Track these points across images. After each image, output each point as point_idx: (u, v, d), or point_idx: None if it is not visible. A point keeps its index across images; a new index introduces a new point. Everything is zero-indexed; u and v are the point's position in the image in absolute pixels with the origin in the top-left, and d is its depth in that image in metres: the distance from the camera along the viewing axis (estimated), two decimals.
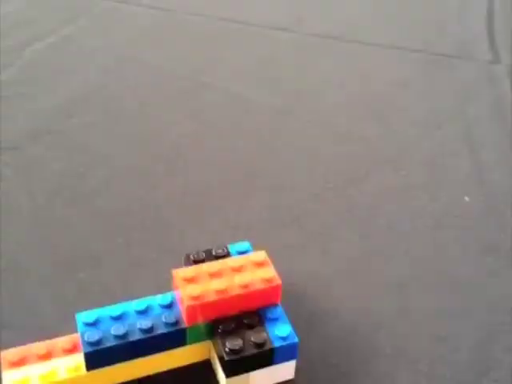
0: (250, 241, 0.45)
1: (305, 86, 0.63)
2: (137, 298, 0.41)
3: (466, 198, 0.50)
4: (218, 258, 0.38)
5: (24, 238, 0.46)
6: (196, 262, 0.37)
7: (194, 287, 0.34)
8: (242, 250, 0.38)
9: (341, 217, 0.48)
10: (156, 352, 0.34)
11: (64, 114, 0.57)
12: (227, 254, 0.38)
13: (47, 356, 0.33)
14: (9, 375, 0.33)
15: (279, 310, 0.35)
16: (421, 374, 0.37)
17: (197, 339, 0.35)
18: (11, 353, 0.33)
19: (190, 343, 0.35)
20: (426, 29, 0.73)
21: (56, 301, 0.41)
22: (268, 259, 0.37)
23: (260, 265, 0.36)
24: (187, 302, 0.34)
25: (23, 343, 0.38)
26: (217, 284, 0.35)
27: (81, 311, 0.35)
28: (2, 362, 0.33)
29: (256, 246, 0.45)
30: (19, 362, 0.33)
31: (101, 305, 0.41)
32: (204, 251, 0.38)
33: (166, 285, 0.42)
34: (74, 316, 0.40)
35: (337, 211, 0.49)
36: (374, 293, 0.42)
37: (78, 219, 0.47)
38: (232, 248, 0.39)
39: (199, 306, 0.34)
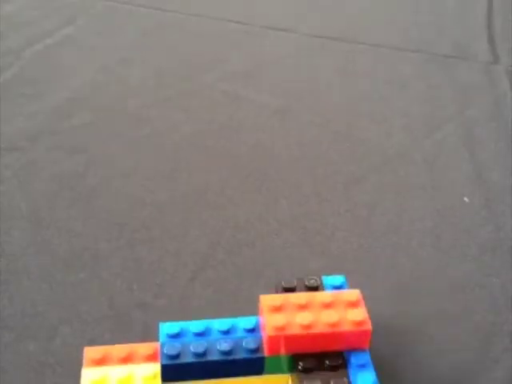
0: (249, 240, 0.45)
1: (305, 85, 0.63)
2: (136, 297, 0.41)
3: (466, 199, 0.50)
4: (309, 288, 0.36)
5: (24, 238, 0.45)
6: (286, 289, 0.36)
7: (279, 317, 0.33)
8: (337, 284, 0.37)
9: (341, 217, 0.48)
10: (231, 376, 0.33)
11: (64, 115, 0.57)
12: (320, 286, 0.37)
13: (127, 359, 0.33)
14: (88, 372, 0.32)
15: (366, 356, 0.33)
16: (421, 373, 0.37)
17: (275, 370, 0.34)
18: (93, 350, 0.33)
19: (267, 373, 0.34)
20: (426, 29, 0.73)
21: (56, 301, 0.41)
22: (361, 300, 0.35)
23: (352, 305, 0.34)
24: (270, 332, 0.33)
25: (23, 343, 0.38)
26: (303, 317, 0.33)
27: (80, 312, 0.35)
28: (85, 357, 0.33)
29: (256, 246, 0.45)
30: (100, 361, 0.33)
31: (101, 306, 0.41)
32: (296, 279, 0.37)
33: (167, 286, 0.42)
34: (73, 316, 0.40)
35: (337, 211, 0.49)
36: (373, 293, 0.42)
37: (78, 220, 0.47)
38: (326, 280, 0.37)
39: (282, 338, 0.33)
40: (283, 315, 0.33)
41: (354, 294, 0.35)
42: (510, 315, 0.41)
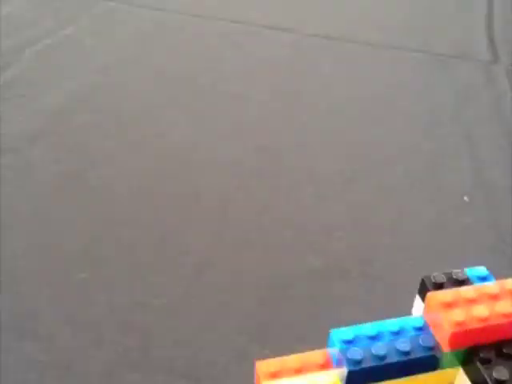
0: (249, 240, 0.45)
1: (305, 86, 0.63)
2: (136, 298, 0.41)
3: (466, 198, 0.50)
4: (457, 282, 0.37)
5: (24, 238, 0.45)
6: (436, 285, 0.37)
7: (457, 312, 0.34)
8: (483, 275, 0.38)
9: (341, 216, 0.48)
10: (408, 375, 0.34)
11: (64, 115, 0.57)
12: (467, 279, 0.37)
13: (301, 370, 0.33)
14: None
15: None
16: None
17: (448, 365, 0.35)
18: (266, 364, 0.34)
19: (442, 368, 0.35)
20: (426, 29, 0.73)
21: (56, 301, 0.41)
22: None
23: None
24: (451, 329, 0.33)
25: (24, 343, 0.38)
26: (479, 311, 0.34)
27: (80, 312, 0.35)
28: (259, 372, 0.33)
29: (256, 246, 0.45)
30: (275, 374, 0.33)
31: (101, 306, 0.41)
32: (443, 273, 0.37)
33: (167, 286, 0.42)
34: (74, 317, 0.40)
35: (337, 211, 0.49)
36: (373, 293, 0.42)
37: (78, 220, 0.47)
38: (470, 272, 0.38)
39: (462, 333, 0.33)
40: (460, 310, 0.34)
41: None
42: None
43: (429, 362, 0.34)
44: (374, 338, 0.34)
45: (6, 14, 0.71)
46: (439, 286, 0.37)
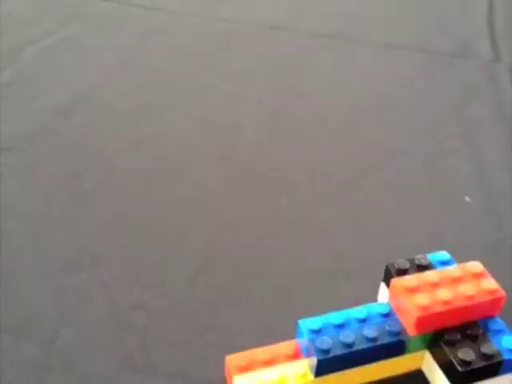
0: (249, 240, 0.45)
1: (305, 85, 0.63)
2: (136, 298, 0.41)
3: (467, 198, 0.50)
4: (420, 267, 0.37)
5: (24, 238, 0.45)
6: (400, 271, 0.37)
7: (422, 297, 0.34)
8: (445, 259, 0.38)
9: (341, 217, 0.48)
10: (376, 360, 0.35)
11: (64, 115, 0.57)
12: (430, 264, 0.38)
13: (271, 362, 0.34)
14: (241, 380, 0.33)
15: (501, 322, 0.35)
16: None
17: (415, 349, 0.35)
18: (236, 357, 0.34)
19: (409, 353, 0.35)
20: (427, 27, 0.73)
21: (56, 302, 0.41)
22: (486, 270, 0.37)
23: (479, 276, 0.36)
24: (416, 313, 0.34)
25: (23, 345, 0.38)
26: (443, 294, 0.35)
27: (80, 312, 0.35)
28: (230, 365, 0.33)
29: (256, 246, 0.45)
30: (246, 367, 0.34)
31: (101, 307, 0.41)
32: (407, 259, 0.38)
33: (167, 286, 0.42)
34: (73, 317, 0.40)
35: (337, 211, 0.48)
36: (374, 292, 0.42)
37: (78, 220, 0.47)
38: (432, 257, 0.39)
39: (428, 317, 0.34)
40: (424, 295, 0.34)
41: (477, 265, 0.37)
42: (509, 315, 0.41)
43: (396, 347, 0.35)
44: (341, 327, 0.35)
45: (6, 13, 0.71)
46: (403, 272, 0.37)
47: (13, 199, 0.48)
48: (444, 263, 0.38)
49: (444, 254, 0.39)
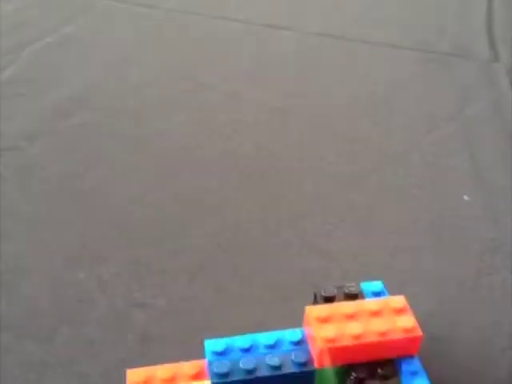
0: (249, 240, 0.45)
1: (305, 85, 0.63)
2: (136, 298, 0.41)
3: (466, 197, 0.50)
4: (349, 296, 0.36)
5: (23, 238, 0.45)
6: (327, 298, 0.36)
7: (329, 328, 0.33)
8: (376, 290, 0.37)
9: (340, 217, 0.48)
10: None
11: (63, 114, 0.57)
12: (360, 293, 0.36)
13: (172, 380, 0.32)
14: None
15: (416, 363, 0.33)
16: None
17: (324, 382, 0.33)
18: (136, 373, 0.33)
19: None
20: (426, 28, 0.73)
21: (56, 301, 0.41)
22: (407, 306, 0.35)
23: (399, 312, 0.34)
24: (320, 345, 0.32)
25: (23, 343, 0.38)
26: (353, 328, 0.33)
27: (79, 311, 0.35)
28: (128, 381, 0.32)
29: (256, 246, 0.45)
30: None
31: (101, 306, 0.41)
32: (336, 287, 0.36)
33: (167, 286, 0.42)
34: (73, 316, 0.40)
35: (337, 211, 0.49)
36: None
37: (78, 220, 0.47)
38: (365, 286, 0.37)
39: (333, 350, 0.32)
40: (333, 326, 0.33)
41: (399, 300, 0.35)
42: (510, 315, 0.41)
43: (302, 378, 0.33)
44: (246, 351, 0.33)
45: (6, 12, 0.71)
46: (330, 300, 0.35)
47: (13, 199, 0.48)
48: (376, 294, 0.36)
49: (377, 284, 0.37)
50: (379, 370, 0.33)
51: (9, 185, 0.50)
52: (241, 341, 0.33)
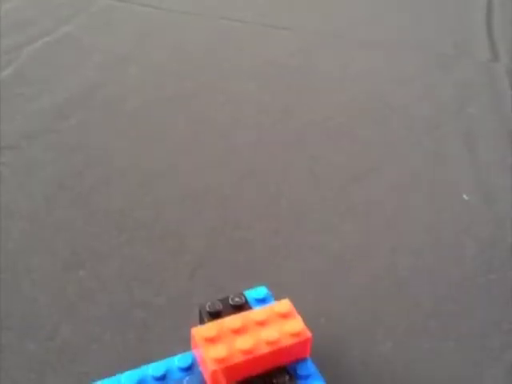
0: (249, 240, 0.45)
1: (305, 85, 0.63)
2: (136, 296, 0.41)
3: (465, 196, 0.50)
4: (235, 307, 0.35)
5: (23, 238, 0.45)
6: (212, 313, 0.35)
7: (218, 348, 0.32)
8: (260, 297, 0.36)
9: (341, 216, 0.48)
10: None
11: (63, 114, 0.57)
12: (245, 303, 0.35)
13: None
14: None
15: (310, 365, 0.33)
16: (419, 373, 0.37)
17: None
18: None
19: None
20: (426, 27, 0.73)
21: (56, 301, 0.41)
22: (293, 309, 0.34)
23: (286, 316, 0.33)
24: (211, 366, 0.31)
25: (24, 343, 0.38)
26: (242, 343, 0.32)
27: (79, 311, 0.35)
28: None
29: (256, 246, 0.45)
30: None
31: (101, 305, 0.41)
32: (220, 300, 0.35)
33: (166, 285, 0.42)
34: (73, 315, 0.40)
35: (337, 210, 0.49)
36: (374, 292, 0.42)
37: (78, 219, 0.47)
38: (249, 294, 0.36)
39: (226, 369, 0.31)
40: (222, 345, 0.32)
41: (284, 304, 0.34)
42: (509, 314, 0.41)
43: None
44: None
45: (5, 11, 0.71)
46: (216, 315, 0.34)
47: (12, 198, 0.48)
48: (260, 301, 0.35)
49: (261, 290, 0.36)
50: (274, 381, 0.32)
51: (8, 184, 0.50)
52: (128, 377, 0.32)
